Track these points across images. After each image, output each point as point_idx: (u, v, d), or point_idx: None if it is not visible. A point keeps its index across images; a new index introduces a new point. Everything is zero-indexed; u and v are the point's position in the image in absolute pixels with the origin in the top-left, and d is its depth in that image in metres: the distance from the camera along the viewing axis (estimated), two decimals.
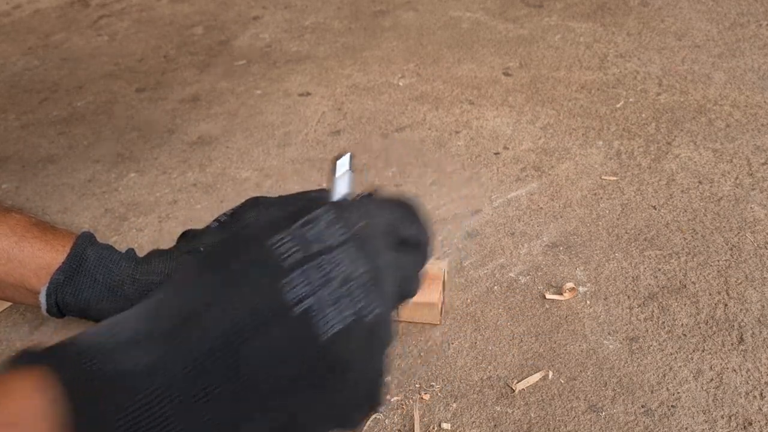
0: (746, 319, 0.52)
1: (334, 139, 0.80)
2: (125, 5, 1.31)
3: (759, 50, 0.87)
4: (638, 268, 0.57)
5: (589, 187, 0.67)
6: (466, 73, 0.91)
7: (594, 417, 0.46)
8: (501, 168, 0.72)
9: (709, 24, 0.95)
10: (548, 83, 0.86)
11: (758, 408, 0.45)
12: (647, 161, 0.70)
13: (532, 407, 0.47)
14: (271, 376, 0.29)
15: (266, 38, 1.10)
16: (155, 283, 0.51)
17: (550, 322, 0.53)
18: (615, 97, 0.82)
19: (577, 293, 0.55)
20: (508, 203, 0.67)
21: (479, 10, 1.09)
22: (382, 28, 1.07)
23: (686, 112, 0.77)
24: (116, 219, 0.70)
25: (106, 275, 0.51)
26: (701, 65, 0.86)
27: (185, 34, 1.16)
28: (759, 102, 0.77)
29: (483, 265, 0.60)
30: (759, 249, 0.58)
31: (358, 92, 0.90)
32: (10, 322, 0.59)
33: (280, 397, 0.30)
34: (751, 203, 0.63)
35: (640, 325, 0.52)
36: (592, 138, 0.75)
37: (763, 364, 0.48)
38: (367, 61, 0.98)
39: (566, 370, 0.49)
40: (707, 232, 0.60)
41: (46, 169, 0.80)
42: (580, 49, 0.93)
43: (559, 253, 0.60)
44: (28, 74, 1.09)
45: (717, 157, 0.69)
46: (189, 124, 0.88)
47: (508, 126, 0.79)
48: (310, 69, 0.97)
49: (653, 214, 0.63)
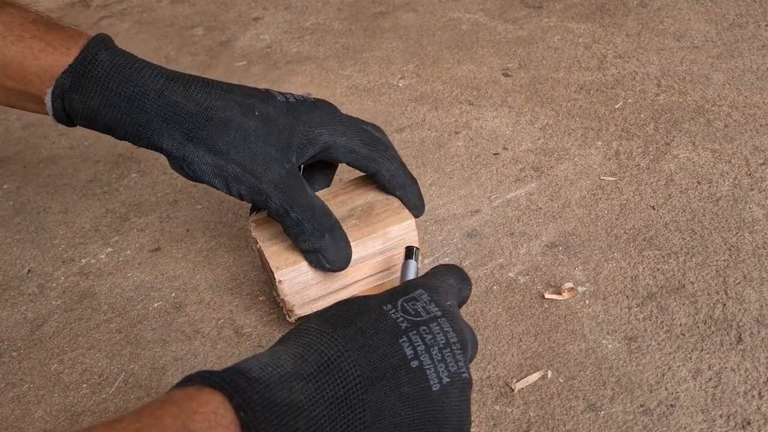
0: (745, 318, 0.52)
1: None
2: (126, 6, 1.32)
3: (758, 51, 0.87)
4: (637, 268, 0.58)
5: (588, 188, 0.68)
6: (466, 73, 0.91)
7: (593, 416, 0.46)
8: (500, 168, 0.72)
9: (707, 25, 0.95)
10: (547, 84, 0.86)
11: (756, 407, 0.45)
12: (646, 162, 0.70)
13: (531, 406, 0.47)
14: (395, 416, 0.35)
15: (267, 39, 1.10)
16: (187, 110, 0.46)
17: (549, 322, 0.53)
18: (614, 97, 0.82)
19: (576, 293, 0.56)
20: (508, 203, 0.67)
21: (479, 11, 1.09)
22: (382, 29, 1.07)
23: (685, 113, 0.77)
24: (117, 219, 0.70)
25: (123, 84, 0.46)
26: (700, 66, 0.86)
27: (186, 35, 1.16)
28: (757, 102, 0.77)
29: (482, 265, 0.60)
30: (757, 249, 0.58)
31: (358, 93, 0.90)
32: (11, 322, 0.60)
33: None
34: (750, 203, 0.63)
35: (639, 324, 0.52)
36: (591, 138, 0.75)
37: (761, 364, 0.48)
38: (367, 61, 0.98)
39: (565, 370, 0.49)
40: (706, 232, 0.60)
41: (47, 169, 0.80)
42: (579, 49, 0.93)
43: (558, 253, 0.60)
44: None
45: (716, 158, 0.70)
46: None
47: (508, 126, 0.79)
48: (311, 70, 0.98)
49: (652, 214, 0.63)
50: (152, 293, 0.61)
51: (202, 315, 0.58)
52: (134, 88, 0.45)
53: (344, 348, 0.35)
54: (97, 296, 0.61)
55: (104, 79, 0.45)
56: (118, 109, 0.46)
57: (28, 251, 0.68)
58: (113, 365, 0.54)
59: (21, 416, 0.51)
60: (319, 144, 0.50)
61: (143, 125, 0.46)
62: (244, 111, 0.47)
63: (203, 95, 0.47)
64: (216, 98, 0.47)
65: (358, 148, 0.51)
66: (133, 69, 0.46)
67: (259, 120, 0.47)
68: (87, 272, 0.64)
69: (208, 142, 0.46)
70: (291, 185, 0.47)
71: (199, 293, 0.60)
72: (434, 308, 0.39)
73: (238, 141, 0.46)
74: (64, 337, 0.57)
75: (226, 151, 0.46)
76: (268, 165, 0.47)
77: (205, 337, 0.56)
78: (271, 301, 0.58)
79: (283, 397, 0.32)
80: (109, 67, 0.46)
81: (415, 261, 0.50)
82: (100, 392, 0.52)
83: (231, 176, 0.47)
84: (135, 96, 0.45)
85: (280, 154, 0.47)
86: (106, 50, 0.47)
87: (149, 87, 0.46)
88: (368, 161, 0.52)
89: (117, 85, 0.45)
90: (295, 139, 0.48)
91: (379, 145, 0.53)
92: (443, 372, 0.36)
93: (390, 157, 0.53)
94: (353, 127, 0.52)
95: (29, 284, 0.64)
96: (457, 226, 0.65)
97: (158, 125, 0.46)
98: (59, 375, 0.54)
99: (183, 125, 0.46)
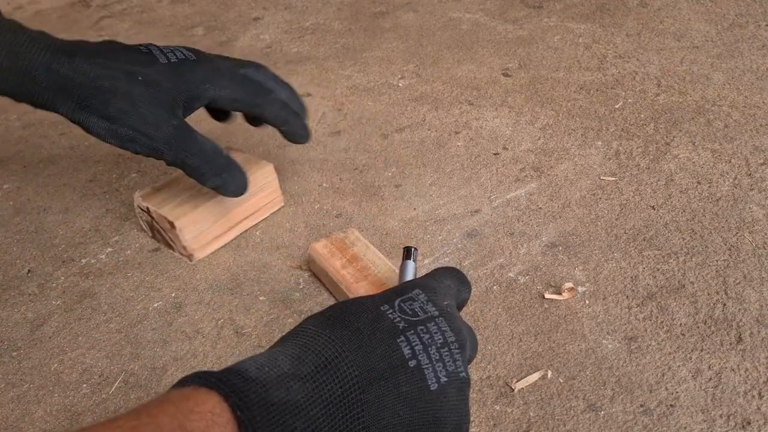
0: (744, 318, 0.52)
1: (334, 140, 0.80)
2: (126, 6, 1.32)
3: (758, 51, 0.87)
4: (637, 268, 0.58)
5: (588, 188, 0.68)
6: (466, 73, 0.91)
7: (593, 416, 0.46)
8: (500, 168, 0.72)
9: (707, 25, 0.95)
10: (547, 84, 0.86)
11: (756, 407, 0.45)
12: (646, 162, 0.70)
13: (532, 406, 0.47)
14: (394, 416, 0.35)
15: (267, 39, 1.10)
16: (76, 82, 0.50)
17: (549, 322, 0.53)
18: (614, 97, 0.82)
19: (576, 293, 0.56)
20: (508, 203, 0.67)
21: (479, 11, 1.09)
22: (382, 29, 1.07)
23: (685, 113, 0.77)
24: (117, 219, 0.70)
25: (12, 59, 0.49)
26: (700, 66, 0.86)
27: (186, 34, 1.16)
28: (757, 102, 0.77)
29: (482, 264, 0.60)
30: (757, 249, 0.58)
31: (358, 93, 0.90)
32: (11, 322, 0.60)
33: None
34: (750, 203, 0.63)
35: (639, 324, 0.52)
36: (591, 138, 0.75)
37: (761, 364, 0.48)
38: (367, 61, 0.98)
39: (565, 370, 0.49)
40: (706, 232, 0.60)
41: (47, 169, 0.80)
42: (579, 49, 0.93)
43: (558, 253, 0.60)
44: None
45: (716, 158, 0.70)
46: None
47: (508, 126, 0.79)
48: (311, 70, 0.98)
49: (652, 214, 0.63)
50: (152, 293, 0.61)
51: (202, 315, 0.58)
52: (23, 62, 0.49)
53: (341, 348, 0.35)
54: (97, 296, 0.61)
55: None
56: (13, 82, 0.49)
57: (28, 251, 0.68)
58: (113, 365, 0.54)
59: (21, 416, 0.51)
60: (205, 98, 0.56)
61: (37, 96, 0.50)
62: (129, 78, 0.51)
63: (89, 66, 0.50)
64: (101, 67, 0.50)
65: (240, 97, 0.57)
66: (21, 44, 0.49)
67: (144, 85, 0.51)
68: (87, 272, 0.64)
69: (99, 110, 0.50)
70: (181, 138, 0.53)
71: (199, 293, 0.60)
72: (432, 308, 0.39)
73: (127, 107, 0.51)
74: (64, 337, 0.57)
75: (116, 117, 0.51)
76: (157, 126, 0.52)
77: (205, 337, 0.56)
78: (271, 301, 0.59)
79: (280, 396, 0.32)
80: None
81: (413, 262, 0.50)
82: (100, 392, 0.52)
83: (125, 138, 0.52)
84: (26, 70, 0.49)
85: (167, 113, 0.52)
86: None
87: (37, 61, 0.49)
88: (252, 107, 0.59)
89: (9, 62, 0.49)
90: (181, 97, 0.53)
91: (260, 90, 0.59)
92: (441, 371, 0.36)
93: (271, 100, 0.59)
94: (235, 78, 0.57)
95: (29, 284, 0.64)
96: (457, 226, 0.65)
97: (51, 96, 0.50)
98: (59, 375, 0.54)
99: (73, 96, 0.50)
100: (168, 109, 0.53)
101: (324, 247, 0.59)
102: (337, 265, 0.57)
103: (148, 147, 0.53)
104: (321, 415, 0.33)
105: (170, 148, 0.53)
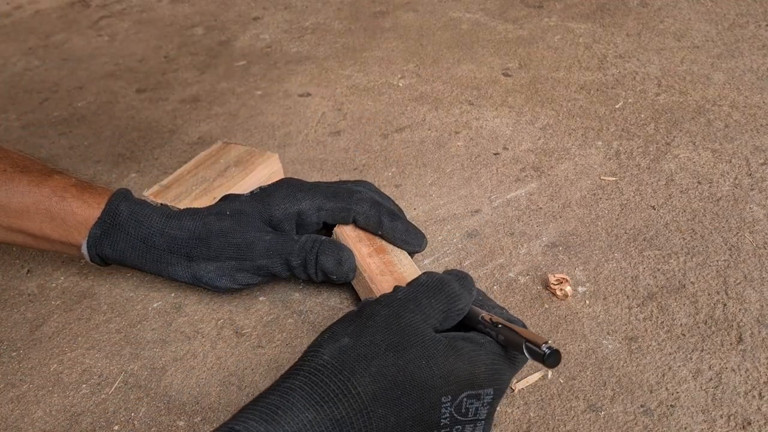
0: (745, 318, 0.52)
1: (334, 140, 0.80)
2: (126, 6, 1.32)
3: (758, 51, 0.87)
4: (637, 268, 0.57)
5: (588, 188, 0.68)
6: (466, 73, 0.91)
7: (593, 416, 0.46)
8: (500, 168, 0.72)
9: (708, 25, 0.95)
10: (548, 84, 0.86)
11: (757, 408, 0.45)
12: (646, 161, 0.70)
13: (532, 407, 0.47)
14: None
15: (266, 39, 1.10)
16: (182, 238, 0.55)
17: (550, 322, 0.53)
18: (614, 97, 0.82)
19: (576, 293, 0.56)
20: (508, 203, 0.67)
21: (479, 10, 1.09)
22: (382, 28, 1.07)
23: (685, 113, 0.77)
24: None
25: (138, 228, 0.55)
26: (700, 66, 0.86)
27: (185, 34, 1.16)
28: (758, 102, 0.77)
29: (482, 264, 0.60)
30: (758, 249, 0.58)
31: (358, 93, 0.90)
32: (10, 322, 0.59)
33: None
34: (750, 203, 0.63)
35: (639, 325, 0.52)
36: (592, 138, 0.75)
37: (761, 364, 0.48)
38: (367, 61, 0.98)
39: (565, 370, 0.49)
40: (706, 232, 0.60)
41: None
42: (580, 49, 0.93)
43: (559, 253, 0.60)
44: (28, 74, 1.09)
45: (716, 158, 0.69)
46: (189, 125, 0.88)
47: (508, 126, 0.79)
48: (310, 69, 0.98)
49: (652, 214, 0.63)
50: (152, 293, 0.61)
51: (202, 315, 0.58)
52: (146, 230, 0.55)
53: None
54: (96, 296, 0.61)
55: (125, 225, 0.55)
56: (138, 249, 0.55)
57: (27, 251, 0.68)
58: (113, 365, 0.54)
59: (21, 416, 0.51)
60: (291, 214, 0.56)
61: (157, 259, 0.55)
62: (219, 216, 0.55)
63: (190, 222, 0.55)
64: (199, 220, 0.55)
65: (323, 204, 0.57)
66: (144, 215, 0.55)
67: (231, 217, 0.55)
68: (87, 272, 0.64)
69: (203, 255, 0.55)
70: (276, 248, 0.54)
71: (198, 293, 0.60)
72: (484, 411, 0.41)
73: (222, 242, 0.54)
74: (64, 337, 0.57)
75: (217, 255, 0.54)
76: (251, 247, 0.54)
77: (205, 338, 0.56)
78: (270, 302, 0.58)
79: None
80: (127, 216, 0.55)
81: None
82: (100, 392, 0.52)
83: (233, 270, 0.55)
84: (147, 237, 0.55)
85: (257, 232, 0.55)
86: (125, 201, 0.56)
87: (155, 228, 0.55)
88: (339, 212, 0.57)
89: (135, 230, 0.55)
90: (265, 217, 0.56)
91: (343, 193, 0.57)
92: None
93: (358, 200, 0.57)
94: (314, 188, 0.57)
95: (29, 284, 0.64)
96: (457, 226, 0.65)
97: (166, 257, 0.55)
98: (59, 375, 0.54)
99: (182, 250, 0.55)
100: (257, 229, 0.55)
101: (353, 230, 0.58)
102: (363, 252, 0.56)
103: (252, 269, 0.54)
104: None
105: (270, 259, 0.54)
